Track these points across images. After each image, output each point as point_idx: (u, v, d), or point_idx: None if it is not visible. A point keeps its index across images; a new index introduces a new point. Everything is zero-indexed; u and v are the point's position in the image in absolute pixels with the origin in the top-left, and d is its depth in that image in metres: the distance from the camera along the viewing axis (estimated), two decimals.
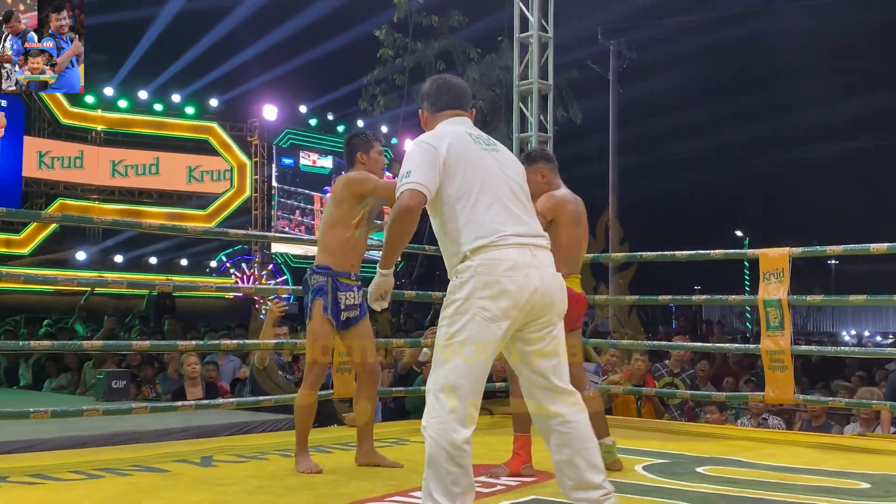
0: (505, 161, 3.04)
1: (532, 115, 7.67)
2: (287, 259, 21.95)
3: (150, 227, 5.38)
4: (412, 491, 3.70)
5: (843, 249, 5.81)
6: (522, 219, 2.94)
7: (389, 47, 15.50)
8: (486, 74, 15.60)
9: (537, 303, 2.85)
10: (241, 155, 21.61)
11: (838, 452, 5.12)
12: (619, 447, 4.86)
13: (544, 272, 2.88)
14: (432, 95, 3.21)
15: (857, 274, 29.68)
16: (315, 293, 4.17)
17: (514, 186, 2.98)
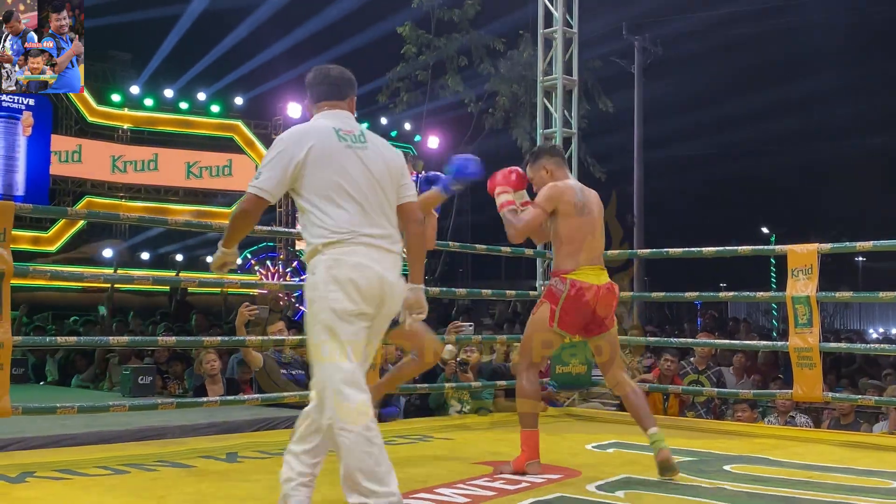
0: (371, 158, 3.06)
1: (556, 110, 7.63)
2: None
3: (175, 223, 5.40)
4: (438, 487, 3.69)
5: (872, 245, 5.73)
6: (374, 220, 3.01)
7: (413, 44, 15.48)
8: (509, 70, 15.54)
9: (374, 299, 2.96)
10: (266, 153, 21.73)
11: (867, 451, 5.06)
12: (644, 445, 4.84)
13: (386, 274, 2.98)
14: (311, 86, 3.23)
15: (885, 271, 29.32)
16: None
17: (374, 185, 3.03)
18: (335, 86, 3.21)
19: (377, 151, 3.11)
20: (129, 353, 7.94)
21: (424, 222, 3.51)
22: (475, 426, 5.83)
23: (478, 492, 3.64)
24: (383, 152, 3.14)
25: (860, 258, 32.92)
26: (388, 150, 3.18)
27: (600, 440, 5.12)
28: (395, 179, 3.12)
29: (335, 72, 3.25)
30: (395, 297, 3.04)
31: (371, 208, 3.01)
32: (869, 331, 30.59)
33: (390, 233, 3.06)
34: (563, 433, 5.54)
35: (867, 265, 33.86)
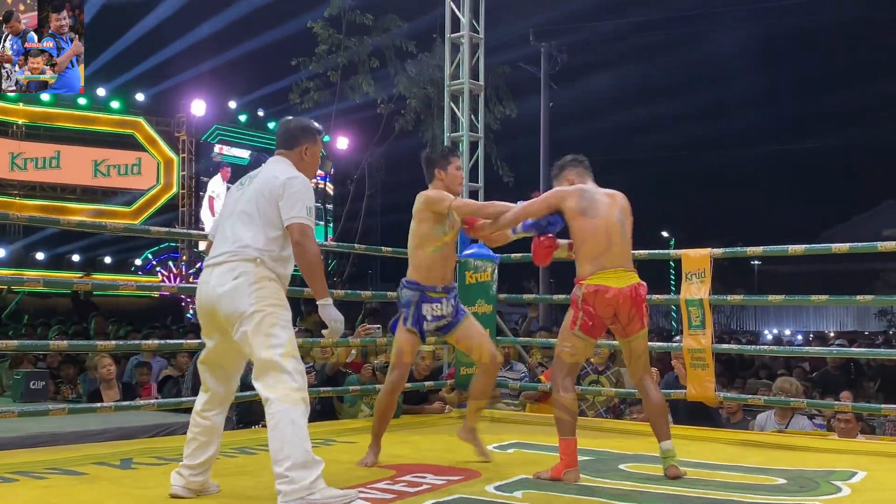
0: (246, 193, 3.59)
1: (463, 115, 7.68)
2: None
3: (68, 223, 5.23)
4: None
5: (763, 251, 5.96)
6: (222, 244, 3.55)
7: (325, 43, 15.36)
8: (420, 73, 15.57)
9: (204, 313, 3.56)
10: (169, 151, 21.22)
11: (756, 449, 5.26)
12: (542, 444, 4.92)
13: (203, 287, 3.54)
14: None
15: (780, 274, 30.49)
16: (402, 307, 4.53)
17: (239, 213, 3.55)
18: (279, 137, 3.79)
19: (255, 184, 3.60)
20: (21, 357, 7.66)
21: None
22: None
23: (378, 495, 3.64)
24: (261, 180, 3.60)
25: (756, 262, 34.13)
26: (264, 178, 3.62)
27: (502, 441, 5.18)
28: (256, 203, 3.55)
29: (282, 124, 3.82)
30: (209, 304, 3.53)
31: (228, 232, 3.56)
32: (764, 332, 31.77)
33: (230, 248, 3.51)
34: None
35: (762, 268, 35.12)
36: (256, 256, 3.45)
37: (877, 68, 32.15)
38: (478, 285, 6.63)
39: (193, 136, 21.43)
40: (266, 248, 3.47)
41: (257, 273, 3.44)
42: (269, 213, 3.49)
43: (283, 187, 3.50)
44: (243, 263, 3.44)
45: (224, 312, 3.43)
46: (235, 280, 3.42)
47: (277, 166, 3.64)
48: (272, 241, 3.49)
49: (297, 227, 3.46)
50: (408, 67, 15.67)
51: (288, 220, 3.47)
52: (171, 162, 21.25)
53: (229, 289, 3.42)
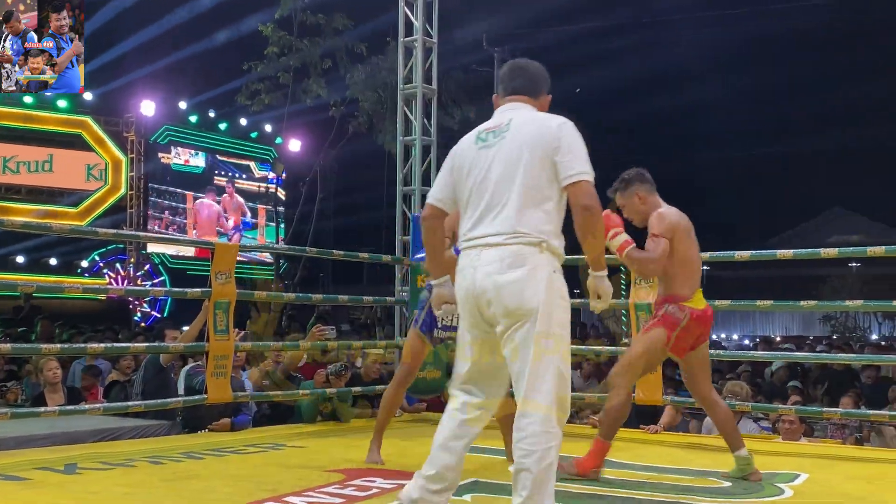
0: (499, 156, 2.95)
1: (416, 118, 7.68)
2: (164, 259, 21.33)
3: (11, 224, 5.12)
4: (287, 496, 3.65)
5: (709, 256, 6.06)
6: (485, 219, 2.93)
7: (275, 44, 15.26)
8: (373, 76, 15.54)
9: (473, 303, 2.92)
10: (117, 151, 20.88)
11: (703, 452, 5.33)
12: (492, 448, 4.94)
13: (477, 272, 2.89)
14: (501, 80, 3.23)
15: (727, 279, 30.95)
16: (417, 306, 4.58)
17: (495, 183, 2.93)
18: (508, 79, 3.19)
19: (511, 143, 2.98)
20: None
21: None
22: (330, 433, 5.79)
23: (327, 499, 3.62)
24: (519, 142, 2.97)
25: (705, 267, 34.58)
26: (525, 138, 2.98)
27: None
28: (520, 170, 2.94)
29: (518, 64, 3.23)
30: (484, 292, 2.90)
31: (487, 206, 2.95)
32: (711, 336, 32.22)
33: (499, 227, 2.90)
34: (417, 438, 5.58)
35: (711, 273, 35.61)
36: (541, 240, 2.88)
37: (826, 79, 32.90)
38: None
39: (143, 137, 21.11)
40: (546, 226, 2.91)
41: (542, 260, 2.88)
42: (543, 175, 2.90)
43: (560, 136, 2.91)
44: (527, 248, 2.88)
45: (501, 305, 2.87)
46: (518, 270, 2.85)
47: (532, 112, 3.06)
48: (551, 214, 2.92)
49: (583, 186, 2.89)
50: (360, 70, 15.63)
51: (572, 177, 2.89)
52: (120, 163, 20.91)
53: (496, 280, 2.87)
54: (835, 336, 25.53)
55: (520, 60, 3.23)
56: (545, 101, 3.17)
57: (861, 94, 33.62)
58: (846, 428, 6.82)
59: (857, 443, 6.57)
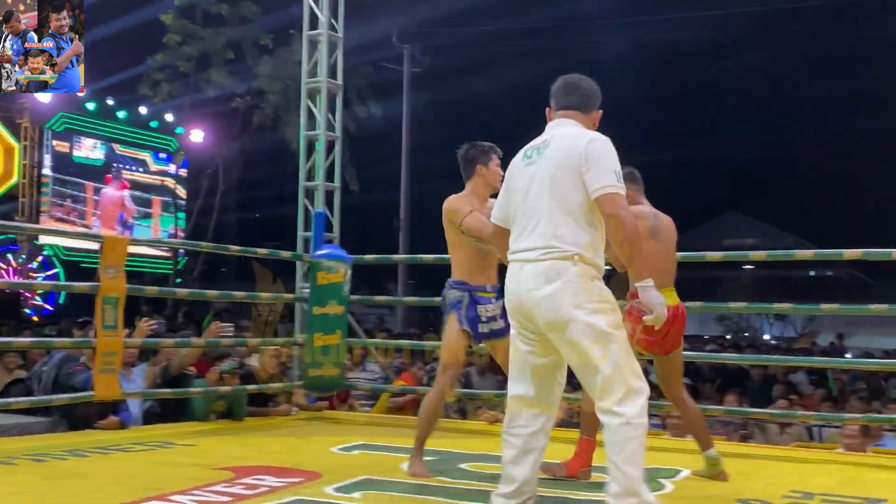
0: (538, 173, 3.11)
1: (320, 113, 7.62)
2: (58, 251, 20.59)
3: None
4: (173, 494, 3.58)
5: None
6: (524, 233, 3.11)
7: (176, 33, 14.90)
8: (278, 68, 15.33)
9: (520, 313, 3.11)
10: (10, 138, 20.05)
11: (600, 448, 5.45)
12: (385, 445, 4.95)
13: (519, 286, 3.07)
14: (553, 94, 3.33)
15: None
16: (451, 307, 4.35)
17: (535, 198, 3.09)
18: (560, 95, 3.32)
19: (549, 159, 3.12)
20: None
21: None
22: (221, 431, 5.70)
23: (214, 497, 3.57)
24: (557, 155, 3.11)
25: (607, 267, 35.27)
26: (561, 152, 3.12)
27: (346, 442, 5.18)
28: (557, 186, 3.08)
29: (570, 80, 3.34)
30: (524, 305, 3.08)
31: (529, 221, 3.10)
32: None
33: (538, 242, 3.05)
34: (311, 436, 5.57)
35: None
36: (574, 253, 3.01)
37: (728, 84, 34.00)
38: (330, 286, 6.60)
39: (37, 124, 20.32)
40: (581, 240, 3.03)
41: (576, 272, 3.00)
42: (574, 190, 3.02)
43: (587, 153, 3.03)
44: (560, 262, 3.01)
45: (542, 318, 3.03)
46: (553, 284, 2.99)
47: (573, 129, 3.17)
48: (584, 226, 3.04)
49: (608, 197, 3.00)
50: (266, 62, 15.41)
51: (597, 191, 3.00)
52: (12, 150, 20.07)
53: (535, 295, 3.01)
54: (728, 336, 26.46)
55: (574, 76, 3.33)
56: (596, 116, 3.30)
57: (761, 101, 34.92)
58: (731, 425, 7.07)
59: (741, 439, 6.82)
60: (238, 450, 4.87)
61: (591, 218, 3.05)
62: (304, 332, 6.82)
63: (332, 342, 6.56)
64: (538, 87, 3.55)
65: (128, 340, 5.62)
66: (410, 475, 4.05)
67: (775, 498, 3.84)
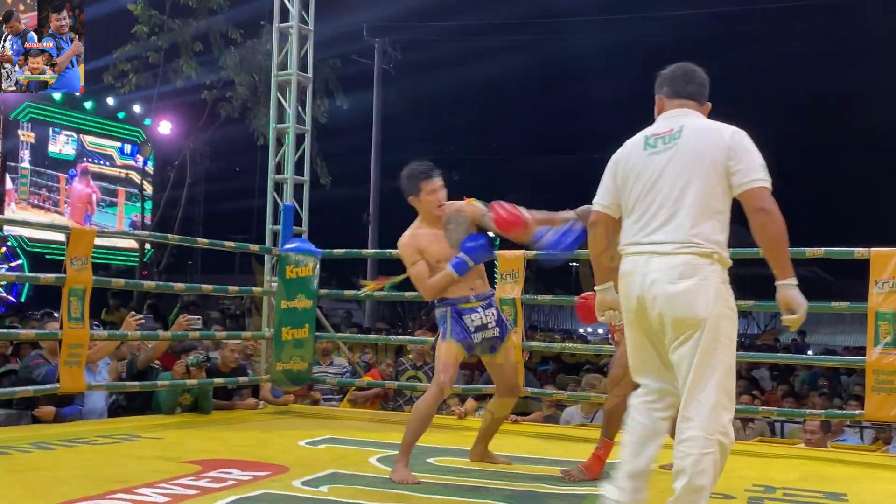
0: (672, 163, 2.96)
1: (290, 106, 7.59)
2: (22, 242, 20.32)
3: None
4: (139, 487, 3.57)
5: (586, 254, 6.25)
6: (652, 226, 2.95)
7: (145, 24, 14.73)
8: (247, 60, 15.21)
9: (640, 308, 2.95)
10: None
11: (560, 442, 5.51)
12: (354, 440, 4.96)
13: (646, 279, 2.90)
14: (668, 81, 3.17)
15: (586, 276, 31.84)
16: (439, 324, 4.33)
17: (668, 190, 2.94)
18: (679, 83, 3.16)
19: (682, 151, 2.97)
20: None
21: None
22: (187, 425, 5.68)
23: (180, 490, 3.56)
24: (694, 148, 2.97)
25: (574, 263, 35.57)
26: (701, 144, 2.98)
27: (314, 436, 5.18)
28: (694, 177, 2.95)
29: (686, 69, 3.19)
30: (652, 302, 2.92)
31: (657, 213, 2.96)
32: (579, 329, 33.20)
33: (670, 236, 2.92)
34: (279, 430, 5.56)
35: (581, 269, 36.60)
36: (713, 251, 2.90)
37: None
38: (298, 280, 6.59)
39: (2, 114, 20.03)
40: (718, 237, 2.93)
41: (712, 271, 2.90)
42: (717, 185, 2.91)
43: (732, 145, 2.92)
44: (698, 259, 2.89)
45: (674, 315, 2.88)
46: (689, 280, 2.87)
47: (703, 120, 3.06)
48: (723, 224, 2.94)
49: (759, 191, 2.88)
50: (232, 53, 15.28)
51: (746, 184, 2.88)
52: None
53: (669, 289, 2.87)
54: None
55: (688, 65, 3.20)
56: (708, 108, 3.18)
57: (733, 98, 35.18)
58: None
59: None
60: (205, 443, 4.86)
61: (726, 217, 2.96)
62: (271, 325, 6.80)
63: (299, 336, 6.55)
64: (509, 83, 3.55)
65: (96, 333, 5.58)
66: (396, 481, 3.87)
67: (737, 492, 3.90)
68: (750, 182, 2.87)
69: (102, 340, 5.73)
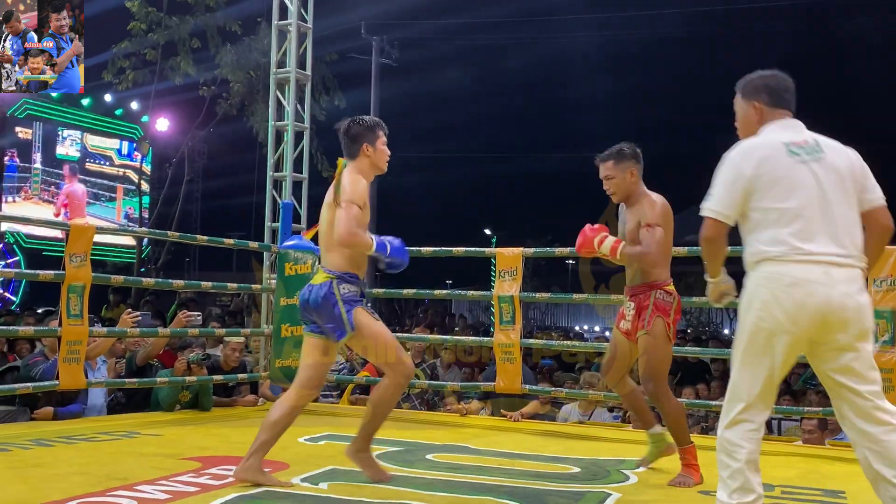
0: (828, 176, 2.93)
1: (289, 103, 7.59)
2: (19, 239, 20.30)
3: None
4: (139, 484, 3.58)
5: (570, 251, 6.26)
6: (823, 236, 2.87)
7: (142, 20, 14.71)
8: (244, 57, 15.20)
9: (816, 318, 2.82)
10: None
11: (558, 439, 5.52)
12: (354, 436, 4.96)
13: (834, 290, 2.83)
14: (768, 90, 3.11)
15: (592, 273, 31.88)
16: (352, 304, 3.78)
17: (836, 203, 2.91)
18: (791, 94, 3.12)
19: (832, 160, 2.97)
20: None
21: None
22: (187, 422, 5.69)
23: (181, 488, 3.57)
24: (839, 159, 2.99)
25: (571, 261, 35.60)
26: (842, 155, 3.02)
27: (314, 433, 5.20)
28: (851, 188, 2.97)
29: (787, 79, 3.14)
30: (839, 313, 2.84)
31: (824, 224, 2.89)
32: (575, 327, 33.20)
33: (842, 249, 2.88)
34: None
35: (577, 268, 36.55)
36: (865, 266, 2.97)
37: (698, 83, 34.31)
38: (297, 277, 6.59)
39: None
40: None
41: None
42: (856, 203, 2.98)
43: (861, 164, 3.02)
44: (861, 273, 2.94)
45: (857, 326, 2.86)
46: (865, 292, 2.92)
47: (823, 136, 3.08)
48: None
49: (886, 209, 3.02)
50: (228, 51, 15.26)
51: (879, 199, 3.01)
52: None
53: (853, 301, 2.85)
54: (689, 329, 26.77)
55: (781, 73, 3.17)
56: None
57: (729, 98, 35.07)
58: (692, 417, 7.18)
59: (702, 432, 6.93)
60: (204, 440, 4.87)
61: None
62: (270, 322, 6.80)
63: (298, 333, 6.55)
64: (506, 80, 3.55)
65: (95, 330, 5.59)
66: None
67: None
68: (881, 198, 3.02)
69: (101, 337, 5.74)
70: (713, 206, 2.97)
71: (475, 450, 4.83)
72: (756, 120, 3.11)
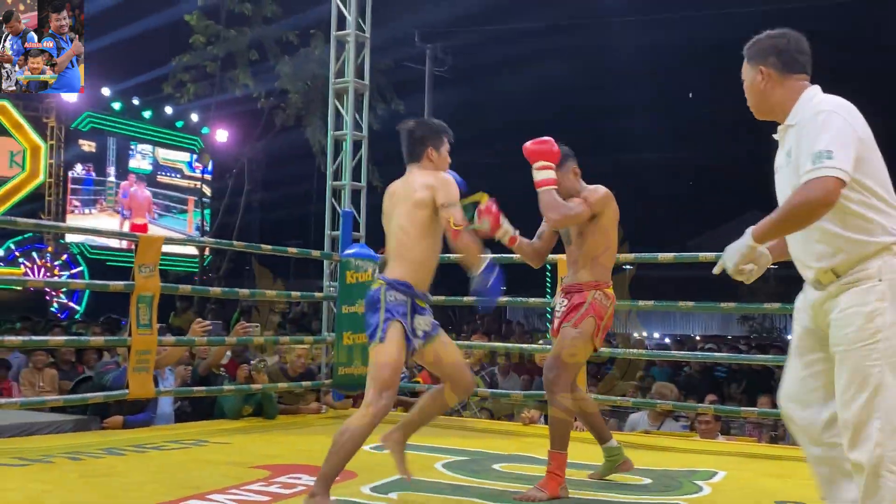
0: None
1: (347, 113, 7.63)
2: (84, 249, 20.76)
3: None
4: (210, 493, 3.60)
5: (634, 258, 6.19)
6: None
7: (201, 34, 14.97)
8: (301, 68, 15.38)
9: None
10: (36, 137, 20.23)
11: (626, 449, 5.42)
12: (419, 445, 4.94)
13: None
14: (777, 51, 2.70)
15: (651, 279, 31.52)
16: (393, 314, 3.47)
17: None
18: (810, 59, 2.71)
19: None
20: None
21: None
22: (254, 429, 5.73)
23: (252, 496, 3.59)
24: None
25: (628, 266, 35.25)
26: None
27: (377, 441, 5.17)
28: None
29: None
30: None
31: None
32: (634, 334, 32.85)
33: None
34: None
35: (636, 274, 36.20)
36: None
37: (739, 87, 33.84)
38: (359, 285, 6.61)
39: (63, 123, 20.49)
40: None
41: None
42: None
43: None
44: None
45: None
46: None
47: None
48: None
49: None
50: (286, 62, 15.44)
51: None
52: (38, 149, 20.24)
53: None
54: (752, 336, 26.29)
55: (796, 32, 2.80)
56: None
57: None
58: (762, 426, 7.03)
59: (772, 441, 6.78)
60: (272, 448, 4.89)
61: None
62: (332, 330, 6.83)
63: (360, 341, 6.57)
64: (559, 86, 3.44)
65: (162, 339, 5.66)
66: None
67: (813, 500, 3.80)
68: None
69: (170, 346, 5.81)
70: (840, 164, 2.42)
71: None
72: (763, 88, 2.72)
